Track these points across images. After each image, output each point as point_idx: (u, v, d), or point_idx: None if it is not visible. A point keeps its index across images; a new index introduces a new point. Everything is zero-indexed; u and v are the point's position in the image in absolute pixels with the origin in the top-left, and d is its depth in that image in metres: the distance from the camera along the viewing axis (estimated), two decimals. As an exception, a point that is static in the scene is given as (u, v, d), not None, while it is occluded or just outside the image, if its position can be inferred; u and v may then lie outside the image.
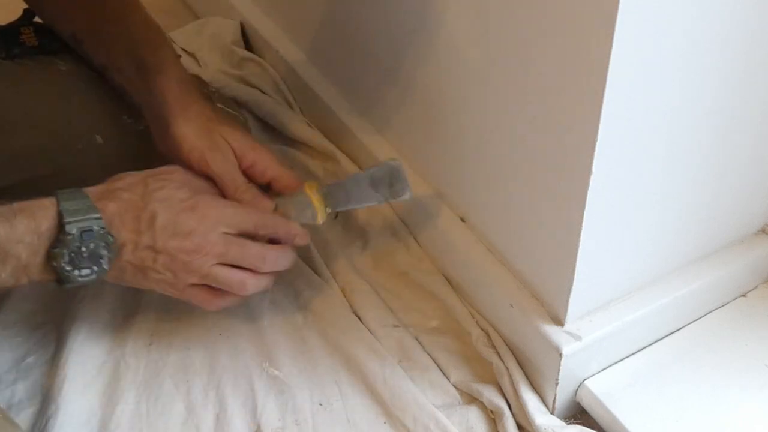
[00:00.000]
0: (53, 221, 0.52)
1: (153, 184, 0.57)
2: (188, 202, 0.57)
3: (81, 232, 0.52)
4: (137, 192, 0.56)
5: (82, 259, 0.53)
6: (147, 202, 0.56)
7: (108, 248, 0.54)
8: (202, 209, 0.57)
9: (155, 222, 0.55)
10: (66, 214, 0.52)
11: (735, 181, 0.60)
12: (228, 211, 0.59)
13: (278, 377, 0.65)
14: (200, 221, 0.56)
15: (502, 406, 0.61)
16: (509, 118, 0.57)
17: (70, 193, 0.54)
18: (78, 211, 0.53)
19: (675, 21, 0.45)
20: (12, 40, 0.72)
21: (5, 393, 0.64)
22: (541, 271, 0.60)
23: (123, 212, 0.55)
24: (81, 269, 0.53)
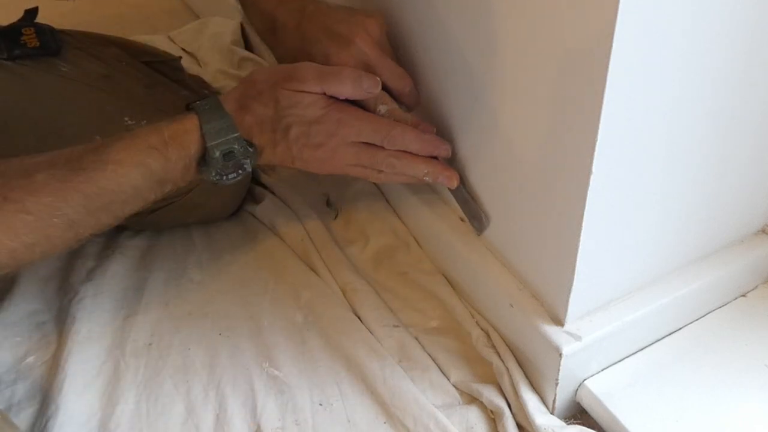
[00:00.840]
0: (199, 144, 0.58)
1: (286, 98, 0.60)
2: (320, 117, 0.60)
3: (223, 154, 0.58)
4: (271, 106, 0.60)
5: (228, 168, 0.59)
6: (281, 116, 0.60)
7: (249, 157, 0.60)
8: (332, 123, 0.60)
9: (289, 134, 0.60)
10: (208, 137, 0.58)
11: (735, 181, 0.60)
12: (357, 123, 0.61)
13: (278, 377, 0.65)
14: (330, 136, 0.60)
15: (502, 406, 0.61)
16: (509, 118, 0.57)
17: (210, 110, 0.59)
18: (219, 133, 0.58)
19: (675, 21, 0.45)
20: (13, 41, 0.72)
21: (5, 393, 0.64)
22: (541, 271, 0.60)
23: (259, 124, 0.60)
24: (228, 175, 0.60)
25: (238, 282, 0.75)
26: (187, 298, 0.73)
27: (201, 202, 0.78)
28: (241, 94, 0.61)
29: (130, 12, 1.27)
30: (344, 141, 0.61)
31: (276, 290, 0.74)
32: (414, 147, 0.62)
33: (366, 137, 0.61)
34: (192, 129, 0.58)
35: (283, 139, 0.60)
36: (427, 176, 0.63)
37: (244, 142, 0.59)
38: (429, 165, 0.63)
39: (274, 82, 0.60)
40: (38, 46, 0.73)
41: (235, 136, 0.59)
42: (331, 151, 0.61)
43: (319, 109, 0.60)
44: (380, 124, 0.62)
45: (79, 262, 0.76)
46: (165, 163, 0.57)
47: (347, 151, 0.61)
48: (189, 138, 0.58)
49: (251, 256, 0.78)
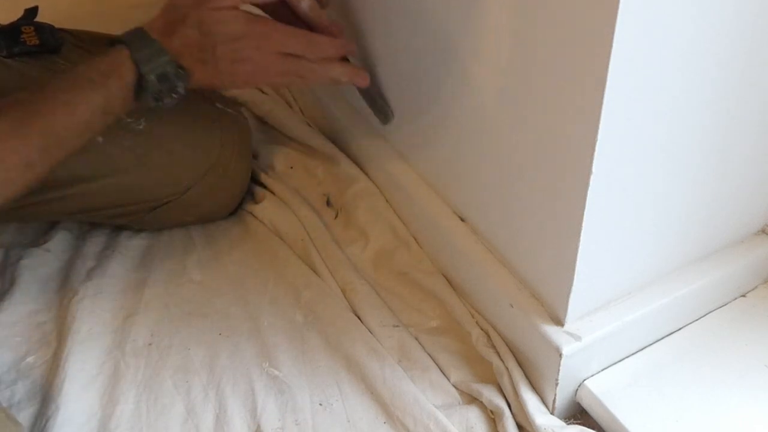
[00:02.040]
0: (134, 72, 0.60)
1: (209, 17, 0.62)
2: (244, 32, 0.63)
3: (157, 77, 0.61)
4: (195, 27, 0.62)
5: (164, 93, 0.62)
6: (205, 36, 0.62)
7: (182, 79, 0.62)
8: (256, 37, 0.63)
9: (216, 52, 0.62)
10: (141, 64, 0.60)
11: (735, 181, 0.60)
12: (279, 36, 0.64)
13: (278, 377, 0.65)
14: (255, 49, 0.63)
15: (502, 406, 0.61)
16: (509, 118, 0.57)
17: (138, 40, 0.61)
18: (151, 58, 0.61)
19: (675, 21, 0.45)
20: (13, 39, 0.72)
21: (5, 393, 0.64)
22: (541, 271, 0.60)
23: (187, 46, 0.62)
24: (164, 99, 0.62)
25: (238, 282, 0.75)
26: (187, 298, 0.73)
27: (200, 201, 0.78)
28: (165, 20, 0.63)
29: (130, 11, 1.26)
30: (269, 53, 0.64)
31: (276, 290, 0.74)
32: (330, 53, 0.67)
33: (289, 48, 0.64)
34: (125, 60, 0.60)
35: (211, 58, 0.63)
36: (343, 75, 0.68)
37: (175, 64, 0.61)
38: (344, 66, 0.68)
39: (195, 2, 0.62)
40: (38, 44, 0.73)
41: (166, 59, 0.61)
42: (258, 63, 0.64)
43: (241, 25, 0.63)
44: (300, 36, 0.65)
45: (79, 262, 0.76)
46: (106, 95, 0.60)
47: (273, 62, 0.64)
48: (124, 68, 0.60)
49: (251, 256, 0.78)
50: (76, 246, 0.78)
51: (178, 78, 0.62)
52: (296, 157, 0.87)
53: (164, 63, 0.61)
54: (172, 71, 0.61)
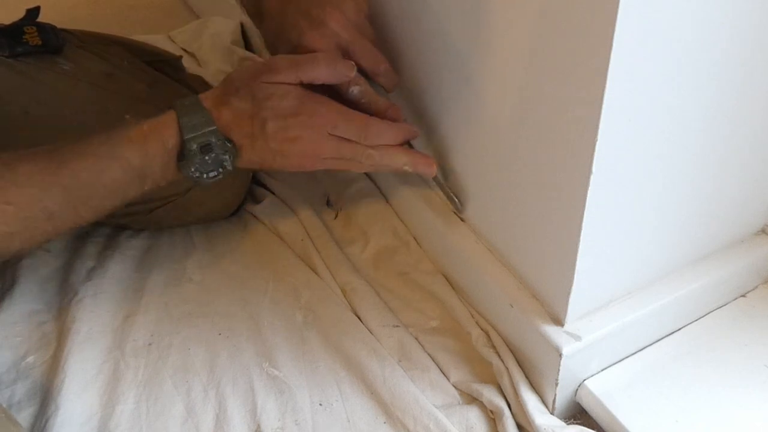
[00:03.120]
0: (177, 138, 0.59)
1: (263, 90, 0.60)
2: (295, 109, 0.60)
3: (200, 147, 0.59)
4: (247, 100, 0.60)
5: (207, 165, 0.59)
6: (257, 110, 0.60)
7: (227, 153, 0.60)
8: (308, 114, 0.61)
9: (266, 127, 0.60)
10: (185, 130, 0.58)
11: (735, 181, 0.60)
12: (333, 116, 0.61)
13: (278, 377, 0.65)
14: (306, 128, 0.61)
15: (502, 406, 0.61)
16: (509, 118, 0.57)
17: (188, 106, 0.60)
18: (196, 126, 0.59)
19: (675, 21, 0.45)
20: (15, 40, 0.72)
21: (5, 393, 0.64)
22: (541, 271, 0.60)
23: (237, 119, 0.60)
24: (208, 173, 0.60)
25: (238, 282, 0.75)
26: (187, 298, 0.73)
27: (201, 201, 0.78)
28: (220, 91, 0.61)
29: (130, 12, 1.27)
30: (321, 133, 0.61)
31: (276, 290, 0.74)
32: (389, 139, 0.63)
33: (342, 131, 0.62)
34: (170, 123, 0.59)
35: (261, 134, 0.60)
36: (406, 166, 0.65)
37: (222, 136, 0.59)
38: (408, 155, 0.65)
39: (251, 76, 0.61)
40: (40, 44, 0.73)
41: (211, 129, 0.59)
42: (309, 143, 0.61)
43: (293, 100, 0.60)
44: (354, 118, 0.62)
45: (79, 262, 0.76)
46: (143, 156, 0.58)
47: (326, 144, 0.62)
48: (167, 132, 0.58)
49: (251, 256, 0.78)
50: (76, 246, 0.78)
51: (224, 151, 0.59)
52: (296, 157, 0.87)
53: (209, 133, 0.59)
54: (216, 142, 0.59)
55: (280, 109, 0.60)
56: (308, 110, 0.61)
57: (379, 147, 0.63)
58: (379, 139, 0.63)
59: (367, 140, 0.62)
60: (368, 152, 0.63)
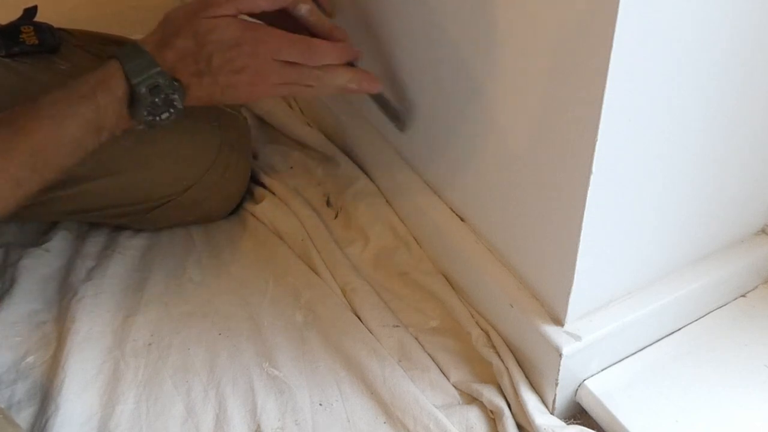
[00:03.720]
0: (125, 85, 0.58)
1: (203, 26, 0.60)
2: (238, 40, 0.60)
3: (149, 89, 0.58)
4: (190, 38, 0.60)
5: (158, 107, 0.59)
6: (201, 46, 0.60)
7: (177, 92, 0.60)
8: (251, 44, 0.60)
9: (212, 62, 0.60)
10: (132, 76, 0.58)
11: (735, 181, 0.60)
12: (276, 41, 0.61)
13: (278, 377, 0.65)
14: (251, 56, 0.60)
15: (502, 406, 0.61)
16: (508, 117, 0.57)
17: (130, 52, 0.59)
18: (142, 70, 0.58)
19: (675, 21, 0.45)
20: (12, 39, 0.72)
21: (5, 393, 0.64)
22: (541, 271, 0.60)
23: (181, 58, 0.60)
24: (160, 114, 0.60)
25: (238, 282, 0.75)
26: (187, 298, 0.73)
27: (200, 201, 0.78)
28: (159, 33, 0.61)
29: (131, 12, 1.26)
30: (266, 60, 0.61)
31: (276, 290, 0.74)
32: (333, 57, 0.63)
33: (286, 55, 0.61)
34: (115, 72, 0.59)
35: (207, 69, 0.60)
36: (351, 83, 0.64)
37: (168, 76, 0.59)
38: (352, 72, 0.64)
39: (190, 13, 0.61)
40: (37, 43, 0.73)
41: (157, 70, 0.59)
42: (255, 72, 0.61)
43: (235, 31, 0.60)
44: (298, 41, 0.62)
45: (79, 262, 0.76)
46: (96, 109, 0.58)
47: (272, 70, 0.62)
48: (114, 81, 0.58)
49: (251, 256, 0.78)
50: (76, 246, 0.78)
51: (173, 90, 0.59)
52: (296, 157, 0.87)
53: (155, 74, 0.59)
54: (164, 83, 0.59)
55: (223, 42, 0.60)
56: (251, 39, 0.61)
57: (324, 67, 0.63)
58: (324, 58, 0.63)
59: (311, 60, 0.62)
60: (314, 73, 0.63)
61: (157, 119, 0.60)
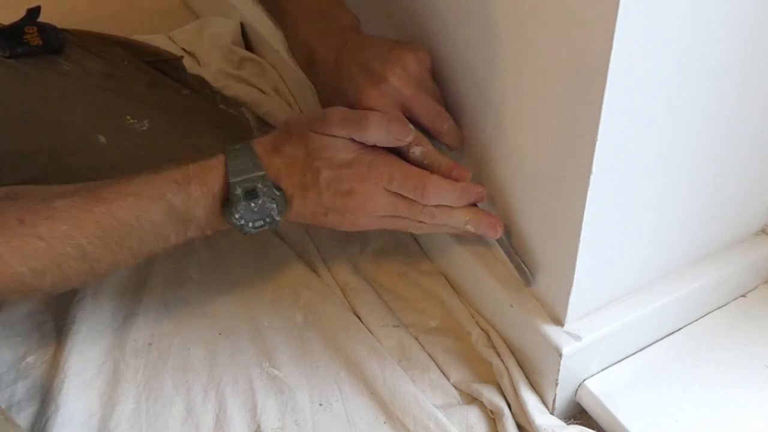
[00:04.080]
0: (222, 182, 0.55)
1: (317, 141, 0.57)
2: (350, 161, 0.57)
3: (245, 192, 0.55)
4: (301, 149, 0.57)
5: (253, 213, 0.56)
6: (310, 159, 0.57)
7: (276, 202, 0.56)
8: (363, 167, 0.57)
9: (319, 177, 0.56)
10: (232, 174, 0.55)
11: (735, 181, 0.60)
12: (389, 169, 0.57)
13: (278, 377, 0.65)
14: (361, 180, 0.57)
15: (502, 406, 0.61)
16: (509, 118, 0.57)
17: (238, 150, 0.57)
18: (243, 170, 0.55)
19: (675, 21, 0.45)
20: (16, 40, 0.72)
21: (5, 393, 0.64)
22: (541, 271, 0.60)
23: (289, 166, 0.57)
24: (254, 221, 0.56)
25: (238, 282, 0.75)
26: (187, 298, 0.73)
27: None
28: (274, 137, 0.58)
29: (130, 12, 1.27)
30: (376, 187, 0.57)
31: (276, 290, 0.74)
32: (449, 198, 0.59)
33: (398, 187, 0.57)
34: (217, 166, 0.56)
35: (314, 184, 0.57)
36: (468, 225, 0.60)
37: (270, 183, 0.56)
38: (469, 213, 0.59)
39: (305, 125, 0.58)
40: (41, 44, 0.73)
41: (259, 174, 0.56)
42: (363, 197, 0.57)
43: (349, 153, 0.57)
44: (413, 174, 0.57)
45: (79, 261, 0.76)
46: (186, 199, 0.55)
47: (381, 200, 0.57)
48: (213, 175, 0.56)
49: (251, 256, 0.78)
50: (76, 246, 0.78)
51: (272, 199, 0.56)
52: (296, 158, 0.87)
53: (256, 178, 0.55)
54: (263, 189, 0.55)
55: (334, 160, 0.57)
56: (364, 163, 0.57)
57: (441, 207, 0.59)
58: (438, 197, 0.58)
59: (424, 198, 0.57)
60: (427, 210, 0.58)
61: (249, 225, 0.57)
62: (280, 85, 0.95)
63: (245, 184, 0.55)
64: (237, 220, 0.56)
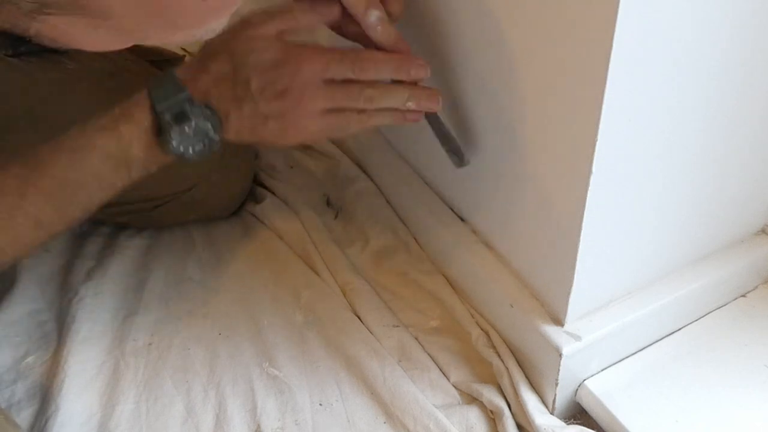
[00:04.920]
0: (150, 113, 0.53)
1: (241, 48, 0.54)
2: (279, 59, 0.54)
3: (174, 116, 0.53)
4: (226, 60, 0.54)
5: (189, 138, 0.53)
6: (238, 68, 0.54)
7: (210, 120, 0.54)
8: (294, 62, 0.54)
9: (250, 86, 0.54)
10: (157, 102, 0.53)
11: (735, 181, 0.60)
12: (322, 56, 0.54)
13: (278, 377, 0.65)
14: (294, 75, 0.54)
15: (502, 406, 0.61)
16: (508, 118, 0.57)
17: (160, 79, 0.54)
18: (167, 96, 0.53)
19: (675, 21, 0.45)
20: (19, 38, 0.72)
21: (5, 393, 0.64)
22: (541, 271, 0.60)
23: (216, 83, 0.54)
24: (193, 146, 0.54)
25: (238, 282, 0.75)
26: (187, 298, 0.73)
27: (203, 200, 0.78)
28: (196, 58, 0.56)
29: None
30: (311, 80, 0.54)
31: (276, 290, 0.74)
32: (388, 68, 0.56)
33: (334, 71, 0.54)
34: (141, 100, 0.54)
35: (246, 95, 0.54)
36: (409, 100, 0.56)
37: (199, 103, 0.54)
38: (408, 89, 0.56)
39: (228, 36, 0.55)
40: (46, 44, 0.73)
41: (183, 96, 0.53)
42: (300, 93, 0.54)
43: (276, 51, 0.54)
44: (347, 54, 0.54)
45: (79, 262, 0.76)
46: (119, 141, 0.53)
47: (319, 93, 0.54)
48: (139, 110, 0.53)
49: (251, 256, 0.78)
50: (76, 246, 0.78)
51: (204, 118, 0.53)
52: (296, 157, 0.87)
53: (182, 99, 0.53)
54: (192, 109, 0.53)
55: (262, 62, 0.53)
56: (294, 58, 0.54)
57: (377, 85, 0.55)
58: (376, 70, 0.55)
59: (362, 73, 0.54)
60: (366, 92, 0.55)
61: (190, 151, 0.54)
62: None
63: (173, 109, 0.53)
64: (175, 149, 0.54)
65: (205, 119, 0.54)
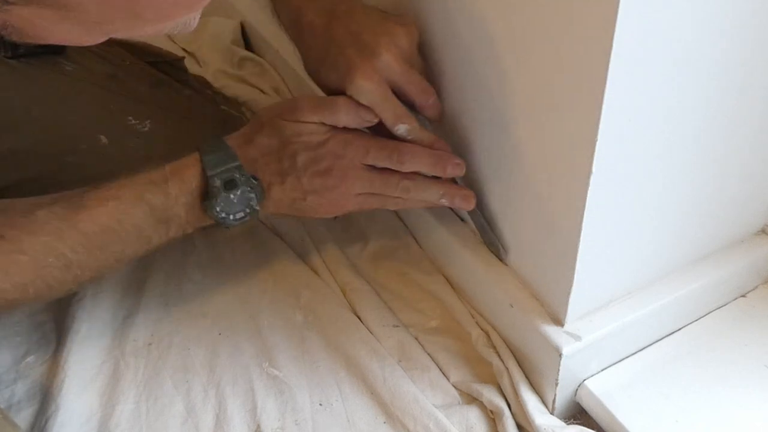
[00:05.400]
0: (200, 177, 0.56)
1: (289, 128, 0.58)
2: (325, 141, 0.58)
3: (224, 183, 0.56)
4: (275, 137, 0.58)
5: (233, 204, 0.56)
6: (285, 145, 0.58)
7: (255, 191, 0.57)
8: (339, 144, 0.58)
9: (296, 161, 0.58)
10: (208, 167, 0.56)
11: (735, 181, 0.60)
12: (364, 143, 0.59)
13: (278, 377, 0.65)
14: (337, 158, 0.58)
15: (502, 406, 0.61)
16: (508, 117, 0.57)
17: (212, 145, 0.58)
18: (219, 163, 0.56)
19: (675, 21, 0.45)
20: None
21: (5, 393, 0.64)
22: (541, 271, 0.60)
23: (264, 156, 0.58)
24: (235, 213, 0.57)
25: (238, 282, 0.75)
26: (187, 298, 0.73)
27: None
28: (245, 130, 0.59)
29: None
30: (353, 163, 0.58)
31: (276, 290, 0.74)
32: (425, 163, 0.60)
33: (374, 157, 0.59)
34: (193, 163, 0.57)
35: (292, 168, 0.58)
36: (443, 198, 0.61)
37: (247, 172, 0.57)
38: (444, 186, 0.61)
39: (276, 114, 0.59)
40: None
41: (235, 164, 0.56)
42: (341, 175, 0.58)
43: (323, 135, 0.58)
44: (387, 144, 0.59)
45: (79, 261, 0.76)
46: (165, 198, 0.55)
47: (358, 176, 0.59)
48: (190, 172, 0.56)
49: (251, 256, 0.78)
50: (76, 246, 0.78)
51: (250, 188, 0.56)
52: (296, 158, 0.87)
53: (233, 168, 0.56)
54: (241, 178, 0.56)
55: (309, 142, 0.58)
56: (338, 140, 0.58)
57: (414, 178, 0.60)
58: (414, 163, 0.59)
59: (400, 165, 0.59)
60: (403, 184, 0.60)
61: (231, 217, 0.57)
62: (280, 85, 0.95)
63: (224, 175, 0.56)
64: (218, 213, 0.56)
65: (251, 189, 0.57)
